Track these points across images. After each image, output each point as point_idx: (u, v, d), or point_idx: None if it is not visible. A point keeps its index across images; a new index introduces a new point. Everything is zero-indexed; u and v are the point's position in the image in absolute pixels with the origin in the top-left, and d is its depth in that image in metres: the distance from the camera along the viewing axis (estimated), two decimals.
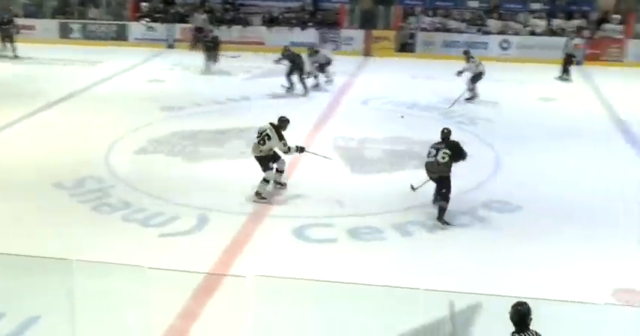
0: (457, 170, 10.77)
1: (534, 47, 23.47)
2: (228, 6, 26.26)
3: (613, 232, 10.52)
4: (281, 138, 11.30)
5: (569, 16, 24.59)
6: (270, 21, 25.50)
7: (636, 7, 24.29)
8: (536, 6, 25.03)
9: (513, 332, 5.90)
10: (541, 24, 24.53)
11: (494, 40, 24.06)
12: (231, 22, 25.42)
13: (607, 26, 23.76)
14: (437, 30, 24.80)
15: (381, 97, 18.55)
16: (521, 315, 5.92)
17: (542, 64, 22.15)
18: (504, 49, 23.95)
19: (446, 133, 10.85)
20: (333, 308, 7.05)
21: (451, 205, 10.65)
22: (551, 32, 24.09)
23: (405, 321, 6.75)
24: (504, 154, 13.89)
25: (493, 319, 7.02)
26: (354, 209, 11.15)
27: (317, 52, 19.31)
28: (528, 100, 18.37)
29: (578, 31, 23.45)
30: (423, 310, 6.58)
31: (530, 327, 5.91)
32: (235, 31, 25.12)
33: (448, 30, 24.81)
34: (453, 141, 10.87)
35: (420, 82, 20.52)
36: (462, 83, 17.97)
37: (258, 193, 11.39)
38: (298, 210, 11.14)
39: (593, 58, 23.00)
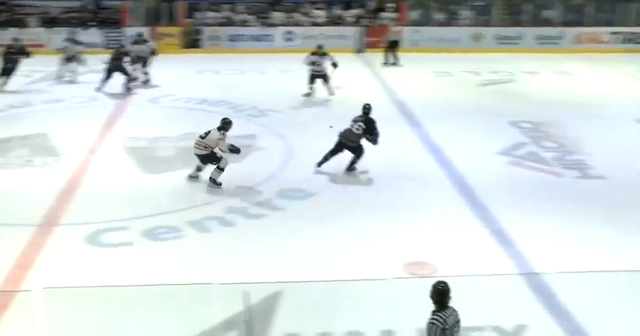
0: (249, 163, 10.89)
1: (317, 37, 24.12)
2: (0, 6, 24.81)
3: (400, 211, 11.10)
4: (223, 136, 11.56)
5: (348, 6, 25.54)
6: (49, 22, 24.41)
7: None
8: None
9: (434, 311, 6.03)
10: (322, 14, 25.30)
11: (279, 33, 24.52)
12: (5, 24, 24.03)
13: (384, 15, 24.91)
14: (222, 25, 24.88)
15: (169, 94, 18.36)
16: (440, 293, 6.04)
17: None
18: (289, 40, 24.47)
19: (366, 109, 12.54)
20: (133, 312, 6.92)
21: (247, 197, 10.78)
22: (332, 22, 24.93)
23: (206, 316, 6.76)
24: (294, 144, 14.22)
25: (297, 305, 7.23)
26: (148, 210, 10.98)
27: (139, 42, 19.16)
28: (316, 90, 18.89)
29: (358, 20, 24.43)
30: (219, 304, 6.61)
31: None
32: (11, 34, 23.76)
33: (233, 24, 24.97)
34: (370, 118, 12.47)
35: (207, 77, 20.59)
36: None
37: (212, 179, 11.70)
38: (91, 216, 10.78)
39: (374, 46, 23.98)
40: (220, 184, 11.82)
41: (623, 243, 10.06)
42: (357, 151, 12.53)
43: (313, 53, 17.94)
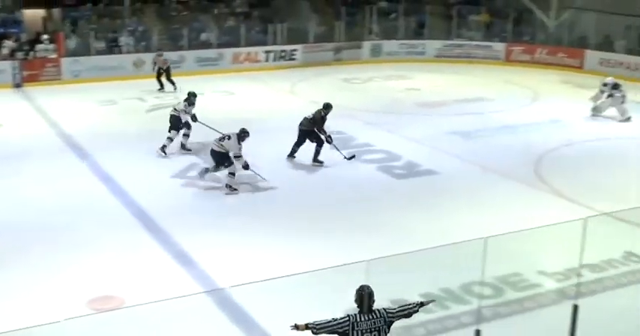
0: None
1: None
2: None
3: (79, 245, 10.77)
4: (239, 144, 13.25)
5: (2, 38, 24.11)
6: None
7: (63, 28, 25.00)
8: None
9: (361, 312, 6.41)
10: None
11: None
12: None
13: (40, 46, 23.92)
14: None
15: None
16: (361, 297, 6.43)
17: None
18: None
19: (326, 105, 15.25)
20: None
21: None
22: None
23: None
24: None
25: None
26: None
27: None
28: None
29: (12, 53, 23.22)
30: None
31: None
32: None
33: None
34: (319, 115, 15.10)
35: None
36: None
37: (228, 186, 13.13)
38: None
39: (32, 79, 22.94)
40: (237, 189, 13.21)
41: (303, 247, 10.77)
42: (314, 136, 14.92)
43: None
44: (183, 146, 15.83)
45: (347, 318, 6.45)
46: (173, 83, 22.03)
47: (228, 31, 26.76)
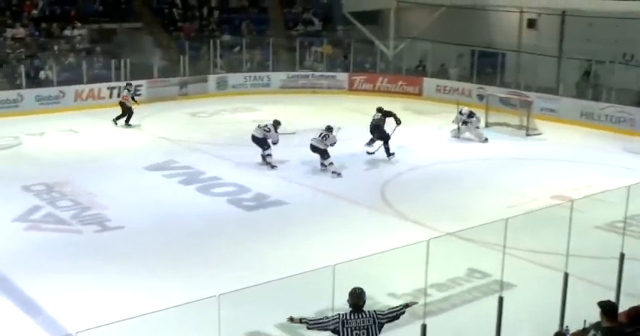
0: None
1: None
2: None
3: None
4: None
5: None
6: None
7: None
8: None
9: (351, 311, 7.18)
10: None
11: None
12: None
13: None
14: None
15: None
16: (351, 297, 7.22)
17: None
18: None
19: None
20: None
21: None
22: None
23: None
24: None
25: None
26: None
27: None
28: None
29: None
30: None
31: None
32: None
33: None
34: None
35: None
36: None
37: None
38: None
39: None
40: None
41: (156, 286, 10.58)
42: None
43: None
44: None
45: (337, 316, 7.17)
46: None
47: (69, 67, 26.03)
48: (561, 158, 18.77)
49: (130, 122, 21.94)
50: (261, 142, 17.31)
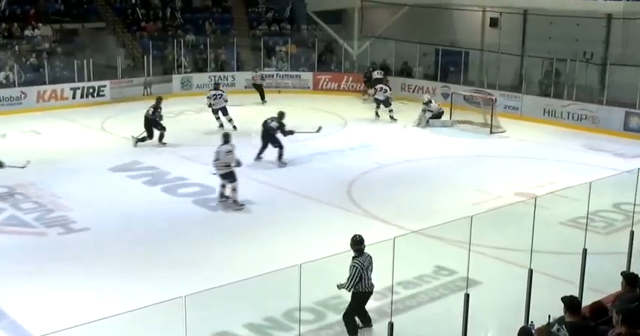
0: None
1: None
2: None
3: None
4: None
5: None
6: None
7: None
8: None
9: (353, 257, 8.77)
10: None
11: None
12: None
13: None
14: None
15: None
16: (356, 243, 8.93)
17: None
18: None
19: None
20: None
21: None
22: None
23: None
24: None
25: None
26: None
27: None
28: None
29: None
30: None
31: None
32: None
33: None
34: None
35: None
36: None
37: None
38: None
39: None
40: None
41: (123, 287, 10.50)
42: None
43: None
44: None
45: (358, 265, 8.78)
46: None
47: (30, 68, 25.68)
48: (525, 156, 19.00)
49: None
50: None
